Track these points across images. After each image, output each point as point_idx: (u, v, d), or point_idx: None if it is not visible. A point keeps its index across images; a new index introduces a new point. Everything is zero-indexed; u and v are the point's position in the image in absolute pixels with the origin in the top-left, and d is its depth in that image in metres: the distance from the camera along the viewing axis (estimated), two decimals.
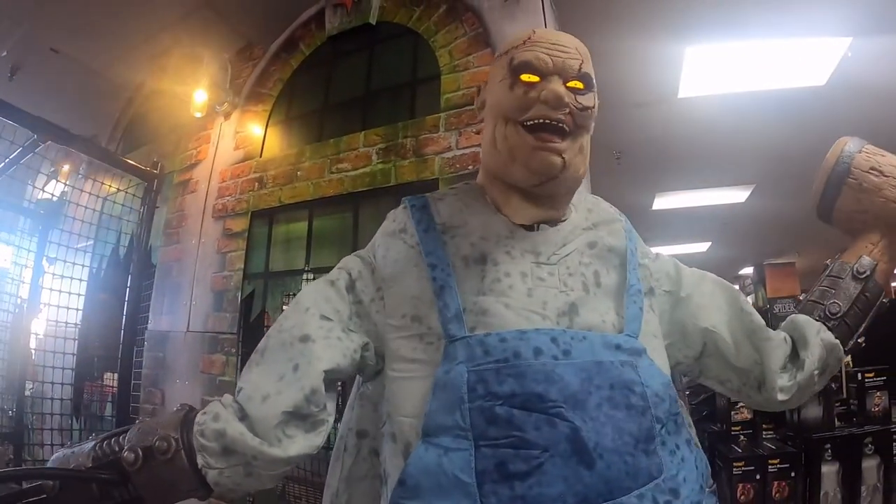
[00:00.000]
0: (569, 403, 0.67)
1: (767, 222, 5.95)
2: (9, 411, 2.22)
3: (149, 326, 2.39)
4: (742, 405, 1.85)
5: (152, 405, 2.27)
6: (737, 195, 5.28)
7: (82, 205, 2.21)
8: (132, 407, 2.26)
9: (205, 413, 0.72)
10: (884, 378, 1.82)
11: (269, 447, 0.70)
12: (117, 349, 2.11)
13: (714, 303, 0.91)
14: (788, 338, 0.89)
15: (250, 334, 2.12)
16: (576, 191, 0.87)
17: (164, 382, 2.27)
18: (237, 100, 2.47)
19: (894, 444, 1.75)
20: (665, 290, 0.90)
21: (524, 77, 0.78)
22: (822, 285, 0.94)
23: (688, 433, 0.78)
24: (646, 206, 5.30)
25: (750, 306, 0.92)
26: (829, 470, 1.70)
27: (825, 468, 1.70)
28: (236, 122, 2.47)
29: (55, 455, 0.72)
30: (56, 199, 2.59)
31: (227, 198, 2.33)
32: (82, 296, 2.30)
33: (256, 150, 2.33)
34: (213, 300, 2.22)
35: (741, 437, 1.77)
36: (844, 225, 0.96)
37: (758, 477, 1.66)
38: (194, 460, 0.68)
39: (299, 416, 0.73)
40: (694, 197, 5.25)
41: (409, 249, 0.82)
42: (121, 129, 3.10)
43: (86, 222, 2.20)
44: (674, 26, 2.67)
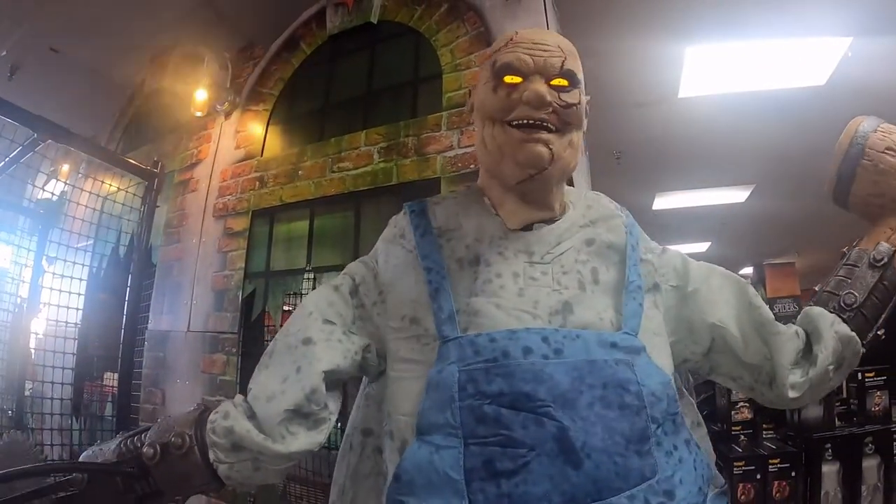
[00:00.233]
0: (558, 403, 0.67)
1: (767, 222, 5.95)
2: (8, 411, 2.21)
3: (149, 326, 2.38)
4: (742, 405, 1.85)
5: (153, 405, 2.27)
6: (737, 195, 5.28)
7: (82, 204, 2.20)
8: (132, 407, 2.25)
9: (217, 412, 0.77)
10: (884, 378, 1.81)
11: (272, 443, 0.73)
12: (117, 349, 2.10)
13: (722, 297, 0.89)
14: (801, 332, 0.87)
15: (251, 334, 2.12)
16: (563, 186, 0.87)
17: (165, 382, 2.26)
18: (238, 99, 2.47)
19: (895, 443, 1.75)
20: (672, 286, 0.89)
21: (507, 79, 0.80)
22: (839, 274, 0.89)
23: (687, 433, 0.77)
24: (646, 206, 5.30)
25: (759, 300, 0.89)
26: (830, 469, 1.70)
27: (825, 468, 1.70)
28: (237, 122, 2.46)
29: (85, 452, 0.78)
30: (56, 198, 2.59)
31: (228, 197, 2.32)
32: (82, 295, 2.29)
33: (257, 150, 2.33)
34: (214, 300, 2.22)
35: (741, 437, 1.77)
36: (861, 210, 0.90)
37: (758, 477, 1.65)
38: (207, 455, 0.74)
39: (301, 414, 0.76)
40: (694, 197, 5.25)
41: (408, 254, 0.85)
42: (121, 129, 3.09)
43: (86, 221, 2.19)
44: (674, 26, 2.67)
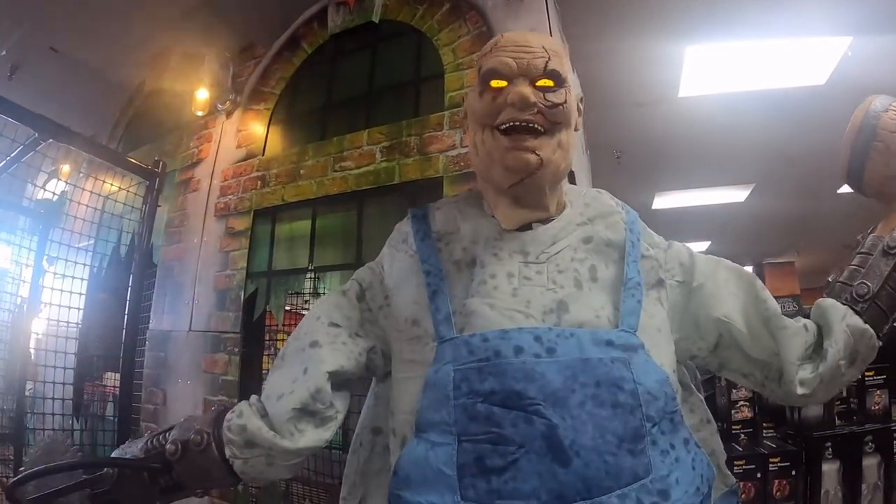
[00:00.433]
0: (548, 401, 0.68)
1: (767, 222, 5.96)
2: (9, 412, 2.21)
3: (150, 326, 2.38)
4: (742, 403, 1.85)
5: (154, 405, 2.26)
6: (736, 194, 5.29)
7: (83, 203, 2.20)
8: (134, 407, 2.25)
9: (233, 411, 0.82)
10: (884, 377, 1.82)
11: (281, 440, 0.78)
12: (118, 349, 2.10)
13: (728, 291, 0.87)
14: (811, 325, 0.84)
15: (253, 333, 2.12)
16: (559, 186, 0.88)
17: (166, 382, 2.25)
18: (239, 98, 2.46)
19: (895, 442, 1.75)
20: (678, 281, 0.88)
21: (493, 83, 0.82)
22: (853, 264, 0.85)
23: (687, 432, 0.75)
24: (646, 206, 5.31)
25: (767, 293, 0.87)
26: (830, 468, 1.70)
27: (826, 466, 1.70)
28: (238, 121, 2.46)
29: (116, 450, 0.85)
30: (57, 197, 2.58)
31: (230, 196, 2.32)
32: (83, 295, 2.29)
33: (259, 149, 2.32)
34: (216, 299, 2.21)
35: (742, 436, 1.77)
36: (876, 193, 0.86)
37: (758, 475, 1.66)
38: (223, 452, 0.79)
39: (308, 412, 0.80)
40: (694, 196, 5.26)
41: (410, 259, 0.88)
42: (121, 128, 3.09)
43: (87, 221, 2.18)
44: (674, 26, 2.68)
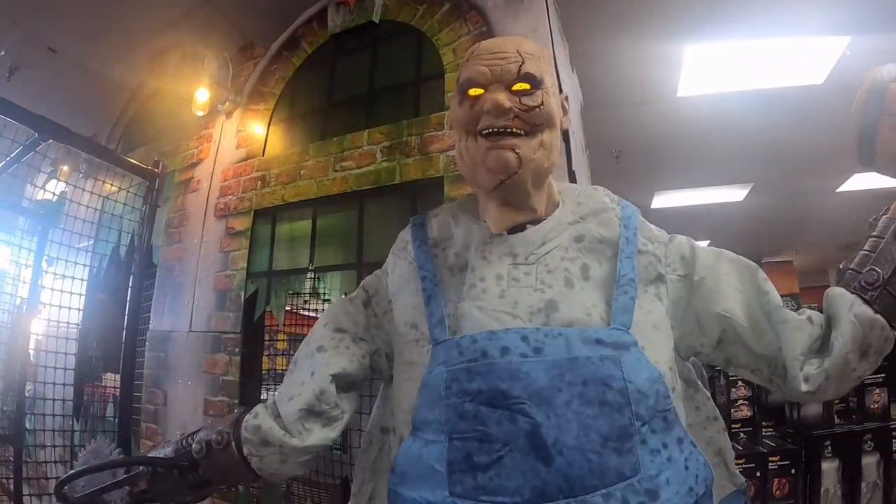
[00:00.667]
0: (533, 400, 0.69)
1: (765, 221, 5.97)
2: (9, 413, 2.20)
3: (150, 326, 2.37)
4: (742, 402, 1.86)
5: (154, 406, 2.26)
6: (735, 193, 5.30)
7: (83, 204, 2.19)
8: (134, 408, 2.25)
9: (251, 413, 0.89)
10: (882, 375, 1.83)
11: (290, 438, 0.84)
12: (117, 350, 2.10)
13: (730, 284, 0.85)
14: (818, 317, 0.81)
15: (253, 334, 2.11)
16: (545, 186, 0.89)
17: (167, 383, 2.25)
18: (239, 98, 2.46)
19: (894, 440, 1.76)
20: (679, 275, 0.87)
21: (470, 91, 0.84)
22: (864, 249, 0.80)
23: (681, 431, 0.75)
24: (644, 205, 5.31)
25: (769, 286, 0.85)
26: (830, 467, 1.71)
27: (825, 465, 1.71)
28: (238, 121, 2.45)
29: (152, 451, 0.92)
30: (56, 198, 2.58)
31: (230, 196, 2.31)
32: (83, 295, 2.29)
33: (259, 149, 2.32)
34: (216, 299, 2.21)
35: (741, 435, 1.78)
36: (890, 169, 0.81)
37: (758, 474, 1.66)
38: (242, 450, 0.85)
39: (314, 412, 0.86)
40: (692, 195, 5.27)
41: (409, 265, 0.91)
42: (121, 129, 3.08)
43: (87, 221, 2.18)
44: (673, 25, 2.68)
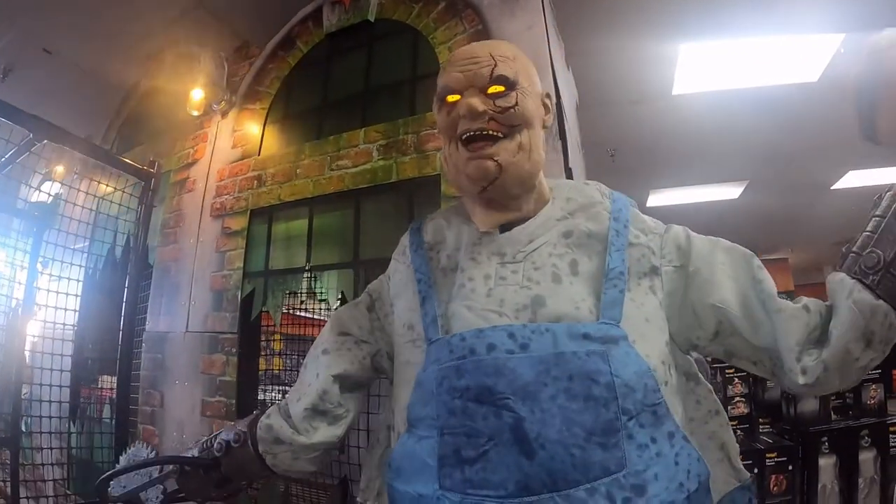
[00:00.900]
0: (518, 395, 0.71)
1: (760, 218, 5.98)
2: (5, 416, 2.19)
3: (147, 327, 2.35)
4: (738, 399, 1.86)
5: (151, 407, 2.24)
6: (730, 191, 5.31)
7: (78, 204, 2.19)
8: (131, 409, 2.24)
9: (265, 414, 0.96)
10: (878, 371, 1.84)
11: (298, 436, 0.91)
12: (114, 351, 2.10)
13: (725, 274, 0.84)
14: (816, 305, 0.78)
15: (250, 334, 2.10)
16: (532, 184, 0.89)
17: (163, 384, 2.23)
18: (234, 98, 2.45)
19: (890, 436, 1.77)
20: (675, 266, 0.86)
21: (448, 98, 0.87)
22: (867, 229, 0.76)
23: (672, 425, 0.73)
24: (640, 203, 5.24)
25: (764, 273, 0.83)
26: (827, 463, 1.72)
27: (822, 461, 1.72)
28: (234, 121, 2.44)
29: (182, 452, 1.00)
30: (51, 198, 2.56)
31: (226, 196, 2.30)
32: (79, 296, 2.28)
33: (255, 149, 2.30)
34: (213, 300, 2.19)
35: (738, 432, 1.78)
36: (893, 144, 0.76)
37: (755, 471, 1.67)
38: (257, 448, 0.93)
39: (319, 411, 0.93)
40: (688, 194, 5.28)
41: (407, 269, 0.95)
42: (115, 129, 3.06)
43: (82, 222, 2.17)
44: (668, 24, 2.68)
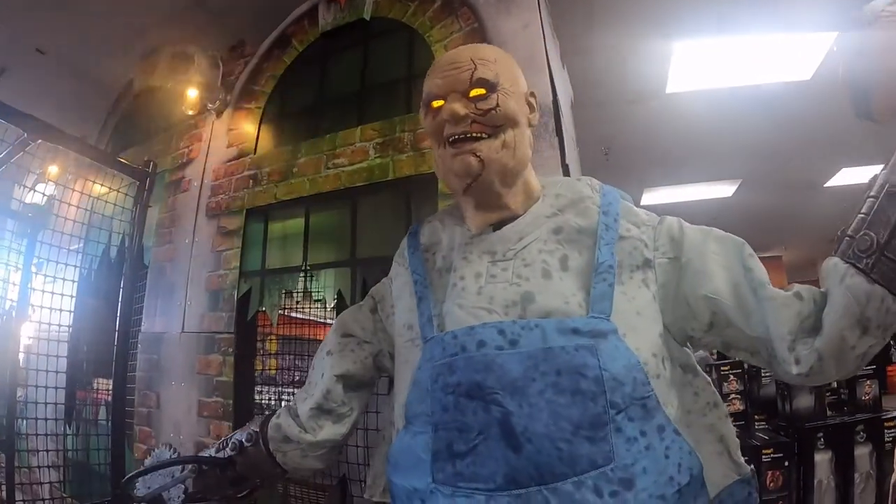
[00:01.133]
0: (507, 390, 0.72)
1: (754, 216, 6.01)
2: (1, 419, 2.17)
3: (142, 328, 2.34)
4: (734, 396, 1.87)
5: (147, 408, 2.23)
6: (724, 189, 5.34)
7: (73, 204, 2.17)
8: (127, 411, 2.22)
9: (275, 414, 1.02)
10: (873, 367, 1.85)
11: (304, 434, 0.97)
12: (109, 353, 2.08)
13: (717, 264, 0.83)
14: (809, 292, 0.77)
15: (247, 333, 2.09)
16: (517, 182, 0.91)
17: (160, 385, 2.23)
18: (229, 97, 2.44)
19: (886, 431, 1.78)
20: (669, 258, 0.86)
21: (433, 104, 0.89)
22: (861, 211, 0.72)
23: (662, 419, 0.73)
24: (634, 202, 5.32)
25: (755, 262, 0.82)
26: (823, 458, 1.72)
27: (818, 457, 1.72)
28: (229, 120, 2.43)
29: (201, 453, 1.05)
30: (46, 198, 2.54)
31: (221, 196, 2.29)
32: (73, 297, 2.26)
33: (250, 148, 2.30)
34: (209, 300, 2.19)
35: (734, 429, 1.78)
36: (889, 116, 0.74)
37: (752, 467, 1.67)
38: (269, 447, 0.98)
39: (324, 410, 0.99)
40: (682, 192, 5.31)
41: (405, 271, 0.97)
42: (110, 129, 3.04)
43: (77, 222, 2.16)
44: (662, 22, 2.69)
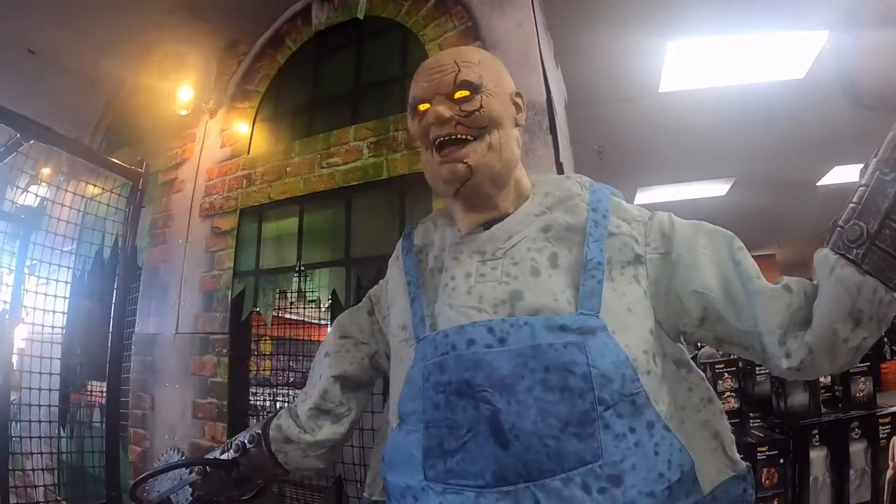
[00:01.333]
0: (496, 388, 0.73)
1: (748, 215, 6.03)
2: None
3: (136, 329, 2.33)
4: (728, 394, 1.87)
5: (142, 410, 2.22)
6: (717, 188, 5.35)
7: (66, 205, 2.16)
8: (121, 413, 2.21)
9: (276, 416, 1.04)
10: (867, 364, 1.86)
11: (304, 434, 0.99)
12: (102, 355, 2.07)
13: (707, 258, 0.83)
14: (799, 285, 0.76)
15: (241, 334, 2.08)
16: (507, 182, 0.91)
17: (154, 386, 2.21)
18: (223, 97, 2.43)
19: (880, 427, 1.79)
20: (660, 253, 0.85)
21: (419, 108, 0.90)
22: (852, 200, 0.70)
23: (652, 415, 0.73)
24: (628, 201, 5.33)
25: (744, 255, 0.81)
26: (818, 455, 1.73)
27: (813, 454, 1.73)
28: (222, 120, 2.42)
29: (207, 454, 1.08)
30: (38, 199, 2.53)
31: (215, 196, 2.28)
32: (67, 299, 2.25)
33: (244, 148, 2.29)
34: (203, 300, 2.17)
35: None
36: (877, 103, 0.73)
37: (748, 464, 1.67)
38: (270, 447, 1.00)
39: (321, 410, 1.01)
40: (675, 191, 5.32)
41: (399, 272, 0.98)
42: (102, 130, 3.02)
43: (70, 223, 2.15)
44: (655, 21, 2.70)
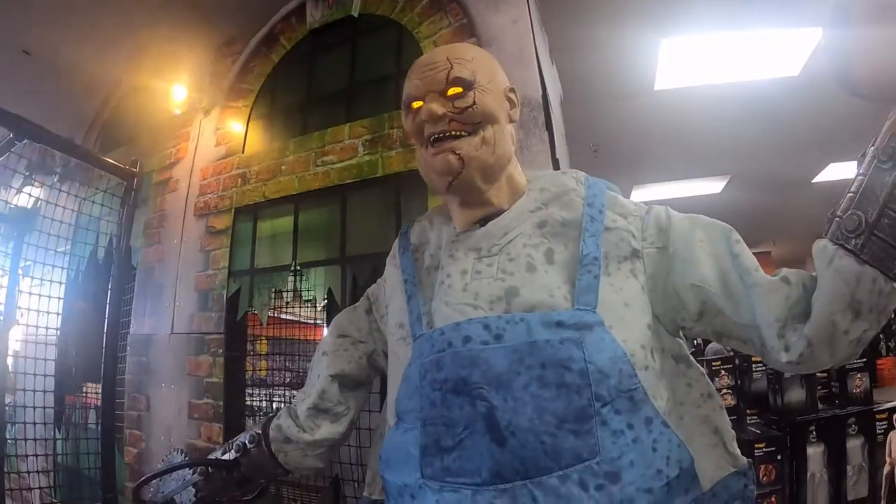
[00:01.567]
0: (492, 385, 0.73)
1: (743, 212, 6.04)
2: None
3: (131, 330, 2.31)
4: (725, 391, 1.87)
5: (137, 411, 2.20)
6: (713, 186, 5.37)
7: (60, 205, 2.15)
8: (117, 414, 2.20)
9: (276, 416, 1.04)
10: (863, 360, 1.87)
11: (303, 434, 0.99)
12: (98, 356, 2.06)
13: (704, 252, 0.82)
14: (798, 277, 0.75)
15: (237, 333, 2.07)
16: (500, 178, 0.91)
17: (149, 387, 2.20)
18: (217, 96, 2.41)
19: (877, 423, 1.79)
20: (657, 248, 0.84)
21: (413, 105, 0.91)
22: (850, 190, 0.69)
23: (651, 411, 0.72)
24: None
25: (741, 247, 0.80)
26: (815, 451, 1.74)
27: (811, 450, 1.74)
28: (216, 119, 2.40)
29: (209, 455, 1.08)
30: (32, 200, 2.51)
31: (210, 195, 2.26)
32: (61, 300, 2.24)
33: (238, 146, 2.27)
34: (198, 300, 2.16)
35: None
36: (874, 92, 0.70)
37: (749, 460, 1.68)
38: (271, 448, 1.00)
39: (320, 410, 1.01)
40: (670, 188, 5.32)
41: (396, 271, 0.99)
42: (96, 130, 3.01)
43: (64, 223, 2.14)
44: (650, 18, 2.69)
